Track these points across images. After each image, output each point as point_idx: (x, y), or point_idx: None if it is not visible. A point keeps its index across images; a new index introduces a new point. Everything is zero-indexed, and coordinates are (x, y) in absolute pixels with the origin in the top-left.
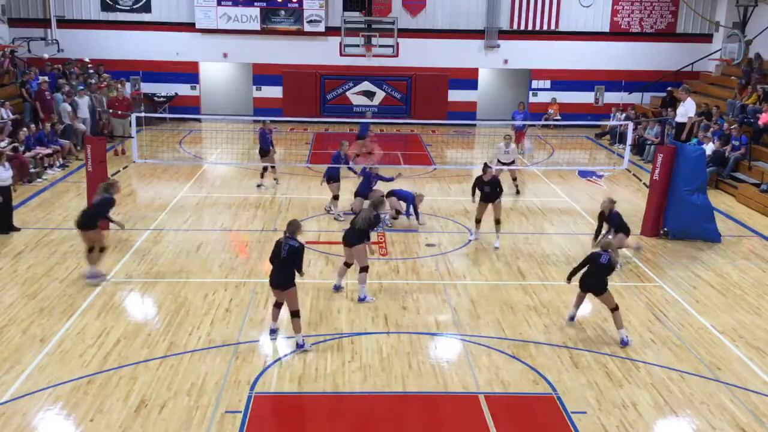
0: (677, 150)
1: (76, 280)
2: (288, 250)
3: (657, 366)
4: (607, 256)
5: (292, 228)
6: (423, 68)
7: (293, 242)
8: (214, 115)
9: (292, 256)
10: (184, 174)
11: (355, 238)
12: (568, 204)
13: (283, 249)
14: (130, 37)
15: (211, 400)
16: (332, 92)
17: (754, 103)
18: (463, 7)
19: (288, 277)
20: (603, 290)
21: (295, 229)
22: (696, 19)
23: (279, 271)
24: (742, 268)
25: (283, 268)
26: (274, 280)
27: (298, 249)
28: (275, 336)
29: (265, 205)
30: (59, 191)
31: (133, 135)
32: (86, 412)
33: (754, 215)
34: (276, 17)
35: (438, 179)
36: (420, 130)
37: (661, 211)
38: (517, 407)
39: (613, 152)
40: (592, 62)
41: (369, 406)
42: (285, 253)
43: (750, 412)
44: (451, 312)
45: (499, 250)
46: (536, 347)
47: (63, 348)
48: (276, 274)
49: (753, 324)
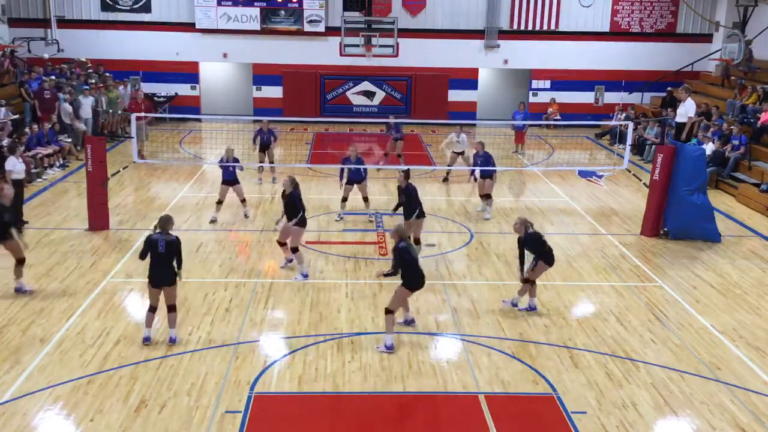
0: (677, 150)
1: (76, 280)
2: (165, 244)
3: (657, 366)
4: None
5: (162, 223)
6: (423, 68)
7: (169, 236)
8: (214, 115)
9: (170, 249)
10: (184, 174)
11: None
12: (568, 204)
13: (159, 244)
14: (130, 37)
15: (211, 400)
16: (332, 92)
17: (754, 103)
18: (463, 7)
19: (172, 272)
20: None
21: (165, 224)
22: (696, 19)
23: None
24: (742, 268)
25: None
26: (160, 279)
27: (175, 241)
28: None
29: (265, 205)
30: (59, 191)
31: (133, 135)
32: (86, 412)
33: (754, 215)
34: (276, 17)
35: (438, 179)
36: (420, 130)
37: (661, 211)
38: (517, 407)
39: (613, 152)
40: (592, 62)
41: (369, 406)
42: (163, 248)
43: (750, 412)
44: (451, 312)
45: (499, 250)
46: (536, 347)
47: (63, 348)
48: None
49: (753, 324)
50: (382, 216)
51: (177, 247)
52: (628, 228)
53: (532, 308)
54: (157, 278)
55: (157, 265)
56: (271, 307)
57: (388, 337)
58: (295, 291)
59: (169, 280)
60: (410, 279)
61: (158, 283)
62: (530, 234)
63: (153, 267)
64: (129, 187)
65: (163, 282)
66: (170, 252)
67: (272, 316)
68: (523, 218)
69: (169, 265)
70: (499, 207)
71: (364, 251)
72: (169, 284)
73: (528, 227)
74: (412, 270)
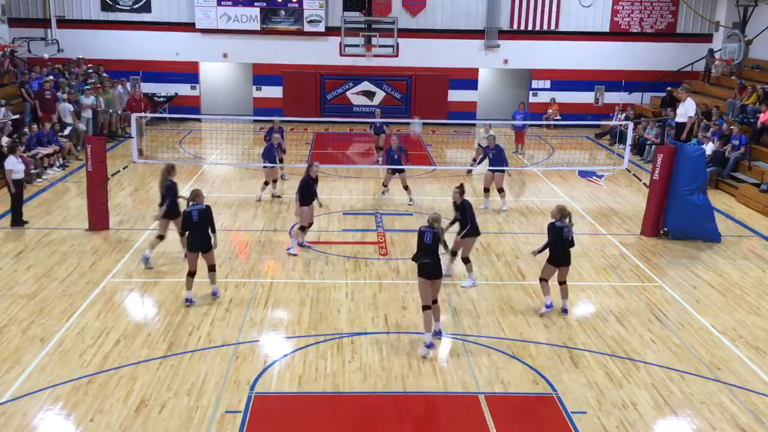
0: (677, 150)
1: (76, 280)
2: (198, 214)
3: (657, 366)
4: (431, 232)
5: (193, 195)
6: (423, 68)
7: (200, 206)
8: (214, 115)
9: (202, 217)
10: (184, 174)
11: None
12: (568, 204)
13: (193, 215)
14: (130, 37)
15: (211, 400)
16: (332, 92)
17: (754, 103)
18: (463, 7)
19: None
20: (438, 276)
21: (196, 196)
22: (696, 19)
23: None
24: (742, 268)
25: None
26: (197, 244)
27: (206, 209)
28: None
29: (265, 205)
30: (59, 191)
31: (133, 135)
32: (86, 412)
33: (754, 215)
34: (276, 17)
35: (438, 179)
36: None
37: (661, 211)
38: (517, 407)
39: (613, 152)
40: (592, 62)
41: (369, 406)
42: (196, 217)
43: (750, 412)
44: (451, 312)
45: (499, 250)
46: (536, 347)
47: (63, 348)
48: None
49: (753, 324)
50: (382, 216)
51: (209, 215)
52: (628, 228)
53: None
54: (195, 244)
55: (194, 233)
56: (271, 307)
57: (427, 335)
58: (295, 291)
59: (205, 245)
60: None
61: (196, 248)
62: (553, 225)
63: (191, 235)
64: (129, 187)
65: (200, 247)
66: (203, 220)
67: (272, 316)
68: (561, 206)
69: (205, 232)
70: (497, 207)
71: (364, 251)
72: (205, 250)
73: (560, 216)
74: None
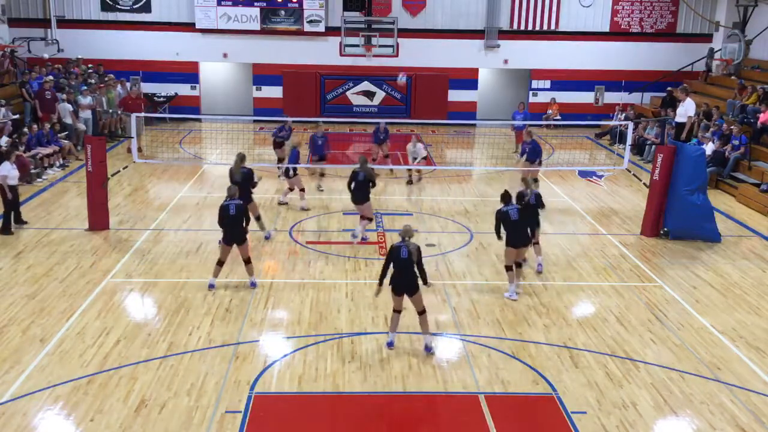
0: (677, 150)
1: (76, 280)
2: (235, 207)
3: (657, 366)
4: (407, 248)
5: (232, 191)
6: (423, 68)
7: (237, 201)
8: (214, 115)
9: (239, 211)
10: (184, 174)
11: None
12: (568, 204)
13: (230, 208)
14: (130, 37)
15: (211, 400)
16: (332, 92)
17: (754, 103)
18: (463, 7)
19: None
20: (412, 291)
21: (234, 193)
22: (696, 19)
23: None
24: (742, 268)
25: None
26: (233, 237)
27: (242, 205)
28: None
29: (265, 205)
30: (59, 191)
31: (133, 135)
32: (86, 412)
33: (754, 215)
34: (276, 17)
35: (438, 179)
36: (420, 130)
37: (661, 211)
38: (517, 407)
39: (613, 152)
40: (592, 62)
41: (369, 406)
42: (234, 211)
43: (750, 412)
44: (451, 312)
45: (500, 250)
46: (536, 347)
47: (63, 348)
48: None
49: (753, 324)
50: (382, 216)
51: (245, 209)
52: (628, 228)
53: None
54: (231, 237)
55: (229, 226)
56: (271, 307)
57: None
58: (295, 291)
59: (240, 238)
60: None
61: (231, 240)
62: (498, 211)
63: (226, 228)
64: (129, 187)
65: (235, 239)
66: (239, 214)
67: (272, 316)
68: (503, 192)
69: (240, 225)
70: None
71: (364, 251)
72: (240, 242)
73: (505, 202)
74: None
